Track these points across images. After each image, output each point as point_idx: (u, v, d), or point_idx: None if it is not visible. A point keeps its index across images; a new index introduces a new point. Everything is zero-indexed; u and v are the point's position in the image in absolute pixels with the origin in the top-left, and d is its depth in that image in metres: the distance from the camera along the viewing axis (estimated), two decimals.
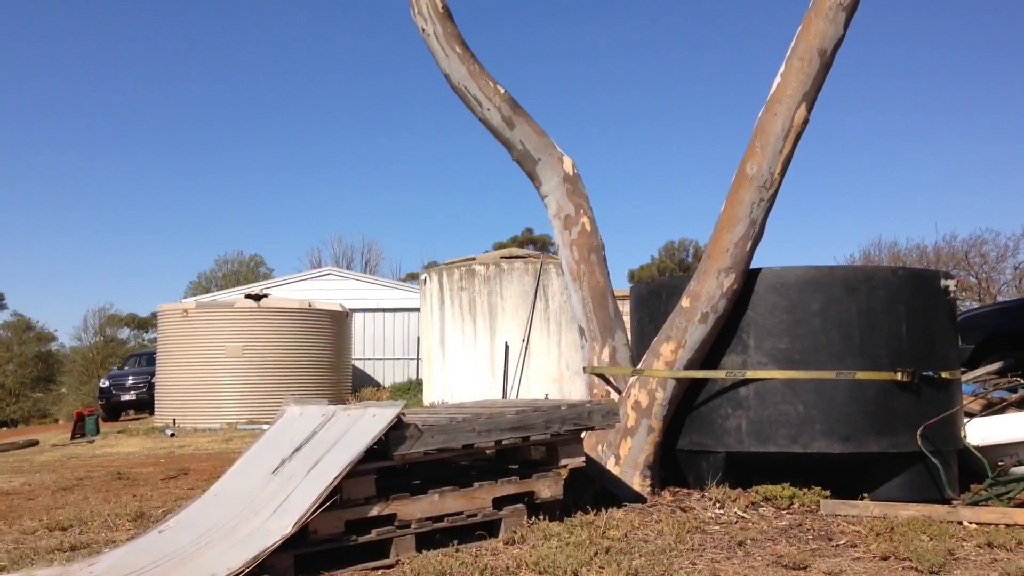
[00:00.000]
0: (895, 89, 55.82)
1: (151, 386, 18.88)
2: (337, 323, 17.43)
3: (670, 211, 63.96)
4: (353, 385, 18.88)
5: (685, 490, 5.12)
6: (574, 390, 11.98)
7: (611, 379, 5.58)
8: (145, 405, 20.12)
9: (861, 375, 4.85)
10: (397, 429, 3.86)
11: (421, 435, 3.92)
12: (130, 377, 21.26)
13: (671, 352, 5.10)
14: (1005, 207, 47.90)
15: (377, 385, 21.03)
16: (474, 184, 66.64)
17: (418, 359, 20.95)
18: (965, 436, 5.26)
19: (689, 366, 5.09)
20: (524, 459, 4.58)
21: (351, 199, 67.31)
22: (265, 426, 4.16)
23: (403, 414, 3.95)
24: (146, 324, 44.53)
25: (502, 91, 5.94)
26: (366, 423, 3.89)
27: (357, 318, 21.13)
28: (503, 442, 4.23)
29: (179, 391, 16.07)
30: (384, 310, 22.62)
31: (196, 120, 66.97)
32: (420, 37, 6.12)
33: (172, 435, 13.94)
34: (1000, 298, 23.67)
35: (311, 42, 67.20)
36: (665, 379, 5.11)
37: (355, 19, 68.34)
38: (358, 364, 21.20)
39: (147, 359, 22.36)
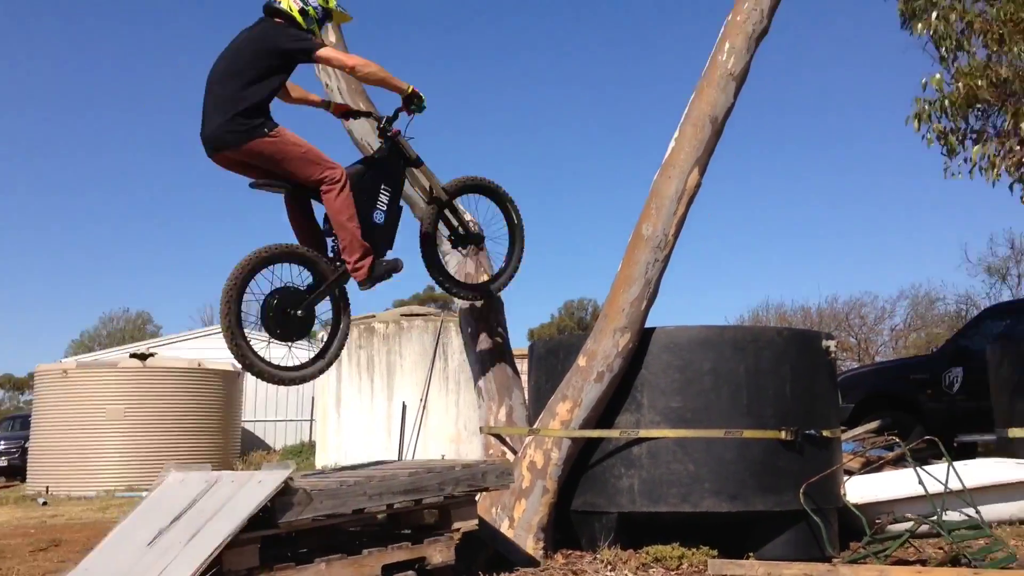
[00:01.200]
0: (786, 159, 58.48)
1: (24, 451, 17.79)
2: (228, 383, 16.83)
3: (570, 270, 64.89)
4: (242, 448, 18.17)
5: (578, 552, 5.09)
6: (472, 450, 11.87)
7: (508, 439, 5.55)
8: (17, 471, 18.89)
9: (748, 434, 4.96)
10: (284, 495, 3.71)
11: (310, 501, 3.78)
12: (1, 442, 19.97)
13: (567, 411, 5.12)
14: (883, 271, 50.54)
15: (268, 448, 20.32)
16: None
17: (312, 420, 20.39)
18: (845, 494, 5.42)
19: (584, 425, 5.10)
20: (417, 523, 4.47)
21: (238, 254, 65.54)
22: (145, 493, 3.95)
23: (291, 479, 3.81)
24: (23, 385, 41.95)
25: None
26: (251, 489, 3.73)
27: (249, 378, 20.43)
28: (395, 506, 4.12)
29: (54, 456, 15.09)
30: None
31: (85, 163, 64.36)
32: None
33: (44, 504, 13.06)
34: (878, 359, 24.76)
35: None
36: (560, 439, 5.10)
37: None
38: (248, 426, 20.44)
39: (21, 422, 21.07)
